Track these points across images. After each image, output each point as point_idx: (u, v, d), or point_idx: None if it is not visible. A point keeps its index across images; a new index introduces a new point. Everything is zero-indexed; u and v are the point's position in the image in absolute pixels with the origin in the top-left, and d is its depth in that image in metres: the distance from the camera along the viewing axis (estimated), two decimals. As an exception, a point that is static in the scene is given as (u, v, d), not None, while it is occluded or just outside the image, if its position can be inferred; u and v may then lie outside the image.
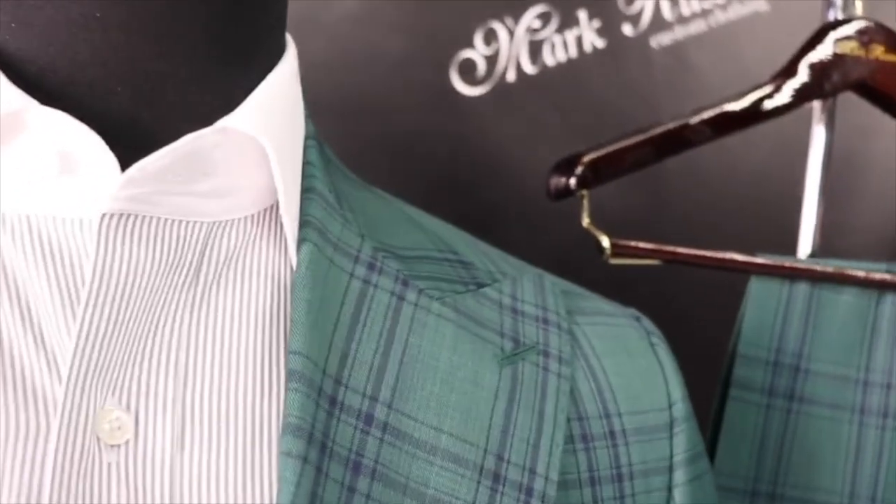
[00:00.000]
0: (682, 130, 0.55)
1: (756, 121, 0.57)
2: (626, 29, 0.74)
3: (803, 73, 0.58)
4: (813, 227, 0.60)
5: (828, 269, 0.56)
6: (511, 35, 0.72)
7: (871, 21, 0.60)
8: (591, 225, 0.52)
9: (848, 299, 0.56)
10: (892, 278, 0.57)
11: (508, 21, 0.72)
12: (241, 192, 0.35)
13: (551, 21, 0.72)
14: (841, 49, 0.59)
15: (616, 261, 0.52)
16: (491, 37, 0.71)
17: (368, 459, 0.32)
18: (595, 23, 0.73)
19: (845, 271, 0.56)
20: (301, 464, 0.30)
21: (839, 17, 0.60)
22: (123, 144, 0.32)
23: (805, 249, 0.60)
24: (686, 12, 0.74)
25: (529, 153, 0.71)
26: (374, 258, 0.36)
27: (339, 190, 0.38)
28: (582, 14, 0.73)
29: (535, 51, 0.72)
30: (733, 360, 0.55)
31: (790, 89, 0.58)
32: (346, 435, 0.32)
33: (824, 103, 0.61)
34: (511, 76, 0.72)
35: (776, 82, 0.58)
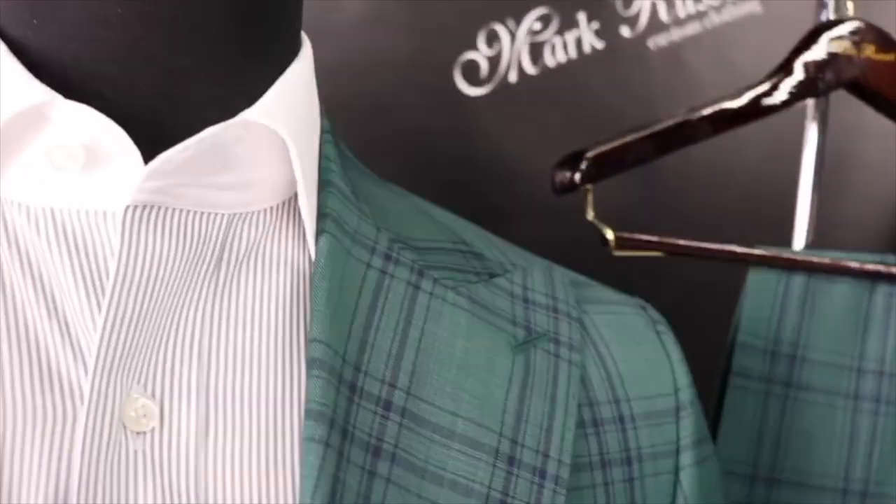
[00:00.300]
0: (683, 127, 0.55)
1: (754, 118, 0.57)
2: (624, 31, 0.73)
3: (799, 72, 0.58)
4: (807, 221, 0.60)
5: (824, 261, 0.56)
6: (513, 37, 0.71)
7: (863, 21, 0.60)
8: (595, 218, 0.52)
9: (842, 289, 0.56)
10: (885, 269, 0.57)
11: (510, 23, 0.71)
12: (260, 184, 0.34)
13: (552, 23, 0.72)
14: (834, 48, 0.59)
15: (620, 253, 0.52)
16: (493, 38, 0.71)
17: (388, 444, 0.32)
18: (594, 25, 0.73)
19: (840, 262, 0.56)
20: (324, 448, 0.30)
21: (831, 18, 0.60)
22: (144, 138, 0.32)
23: (800, 242, 0.60)
24: (682, 14, 0.74)
25: (531, 150, 0.71)
26: (391, 249, 0.36)
27: (355, 183, 0.37)
28: (581, 16, 0.72)
29: (536, 52, 0.72)
30: (733, 350, 0.55)
31: (787, 87, 0.58)
32: (366, 420, 0.32)
33: (818, 101, 0.61)
34: (513, 76, 0.71)
35: (773, 80, 0.58)
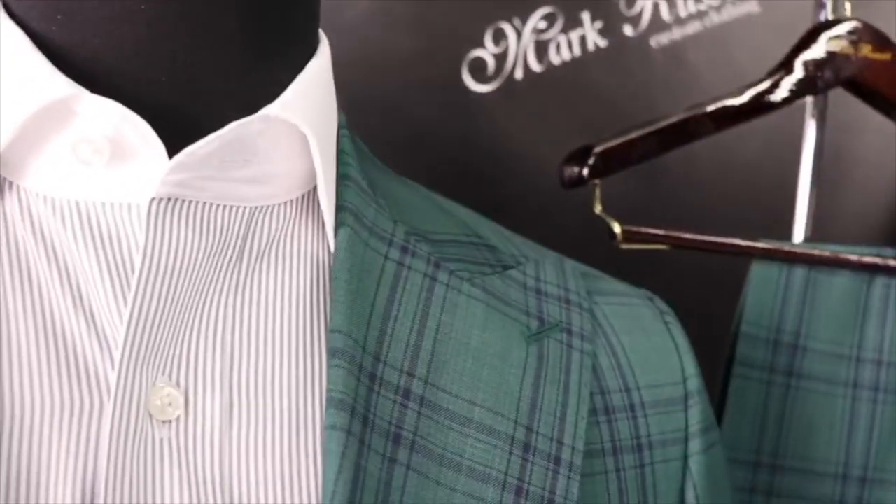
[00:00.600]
0: (688, 123, 0.54)
1: (755, 114, 0.57)
2: (627, 30, 0.73)
3: (799, 70, 0.58)
4: (806, 215, 0.60)
5: (824, 254, 0.56)
6: (519, 35, 0.71)
7: (860, 21, 0.60)
8: (603, 212, 0.52)
9: (842, 281, 0.56)
10: (883, 262, 0.57)
11: (516, 22, 0.71)
12: (280, 178, 0.34)
13: (556, 22, 0.71)
14: (833, 47, 0.59)
15: (627, 246, 0.52)
16: (500, 37, 0.70)
17: (407, 432, 0.31)
18: (597, 24, 0.72)
19: (840, 255, 0.56)
20: (345, 436, 0.30)
21: (829, 18, 0.60)
22: (166, 132, 0.31)
23: (799, 236, 0.60)
24: (683, 14, 0.74)
25: (536, 146, 0.70)
26: (407, 241, 0.35)
27: (371, 177, 0.37)
28: (585, 15, 0.72)
29: (541, 50, 0.71)
30: (736, 340, 0.55)
31: (787, 85, 0.57)
32: (385, 408, 0.31)
33: (816, 99, 0.60)
34: (519, 74, 0.71)
35: (774, 78, 0.58)
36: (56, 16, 0.31)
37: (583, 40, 0.72)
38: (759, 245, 0.55)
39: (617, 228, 0.52)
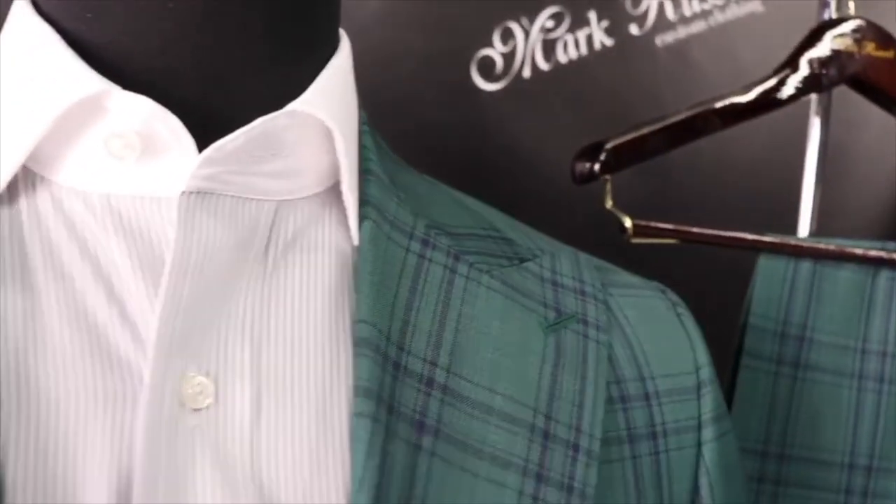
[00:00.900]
0: (695, 120, 0.55)
1: (761, 111, 0.57)
2: (633, 29, 0.73)
3: (804, 68, 0.58)
4: (811, 210, 0.60)
5: (830, 248, 0.56)
6: (527, 34, 0.71)
7: (864, 20, 0.60)
8: (614, 207, 0.52)
9: (847, 275, 0.56)
10: (887, 255, 0.57)
11: (524, 21, 0.71)
12: (306, 172, 0.34)
13: (564, 21, 0.72)
14: (837, 46, 0.59)
15: (637, 240, 0.52)
16: (508, 36, 0.71)
17: (431, 419, 0.32)
18: (604, 23, 0.73)
19: (845, 249, 0.56)
20: (372, 423, 0.30)
21: (833, 16, 0.60)
22: (195, 127, 0.31)
23: (804, 230, 0.60)
24: (688, 13, 0.74)
25: (543, 143, 0.71)
26: (428, 235, 0.35)
27: (391, 172, 0.37)
28: (592, 15, 0.72)
29: (548, 49, 0.72)
30: (745, 332, 0.55)
31: (793, 83, 0.58)
32: (409, 397, 0.32)
33: (821, 96, 0.61)
34: (527, 72, 0.71)
35: (779, 76, 0.58)
36: (85, 14, 0.32)
37: (589, 39, 0.72)
38: (767, 239, 0.56)
39: (628, 223, 0.52)
